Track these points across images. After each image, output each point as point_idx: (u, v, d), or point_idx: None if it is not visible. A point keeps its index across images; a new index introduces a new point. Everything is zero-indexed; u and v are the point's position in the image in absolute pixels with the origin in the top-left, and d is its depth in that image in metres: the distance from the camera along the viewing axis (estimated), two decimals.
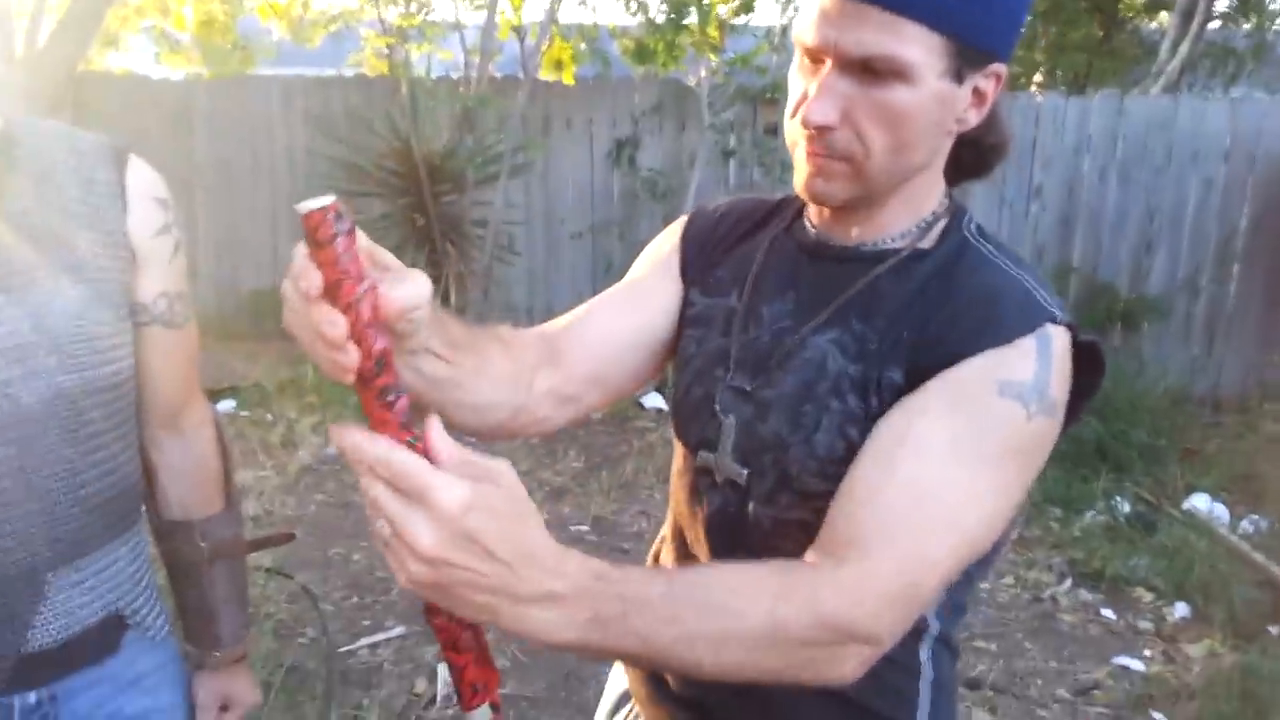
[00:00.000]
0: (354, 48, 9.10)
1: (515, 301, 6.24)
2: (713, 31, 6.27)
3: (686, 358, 1.12)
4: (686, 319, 1.13)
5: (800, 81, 0.96)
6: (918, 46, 0.88)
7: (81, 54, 5.36)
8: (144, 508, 1.32)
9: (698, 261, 1.15)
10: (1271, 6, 8.66)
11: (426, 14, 7.19)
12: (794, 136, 0.97)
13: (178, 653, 1.35)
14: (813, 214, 1.07)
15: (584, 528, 4.18)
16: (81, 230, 1.16)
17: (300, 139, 6.35)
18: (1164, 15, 9.04)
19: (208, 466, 1.36)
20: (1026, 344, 0.89)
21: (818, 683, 0.83)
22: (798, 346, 1.01)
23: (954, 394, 0.89)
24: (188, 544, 1.33)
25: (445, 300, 5.55)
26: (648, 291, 1.15)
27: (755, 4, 6.63)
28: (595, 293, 1.18)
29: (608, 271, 6.13)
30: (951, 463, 0.87)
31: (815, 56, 0.93)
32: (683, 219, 1.20)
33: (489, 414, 1.00)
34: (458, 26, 6.78)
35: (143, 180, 1.22)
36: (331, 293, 0.67)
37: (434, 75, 6.58)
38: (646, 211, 6.15)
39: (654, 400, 5.63)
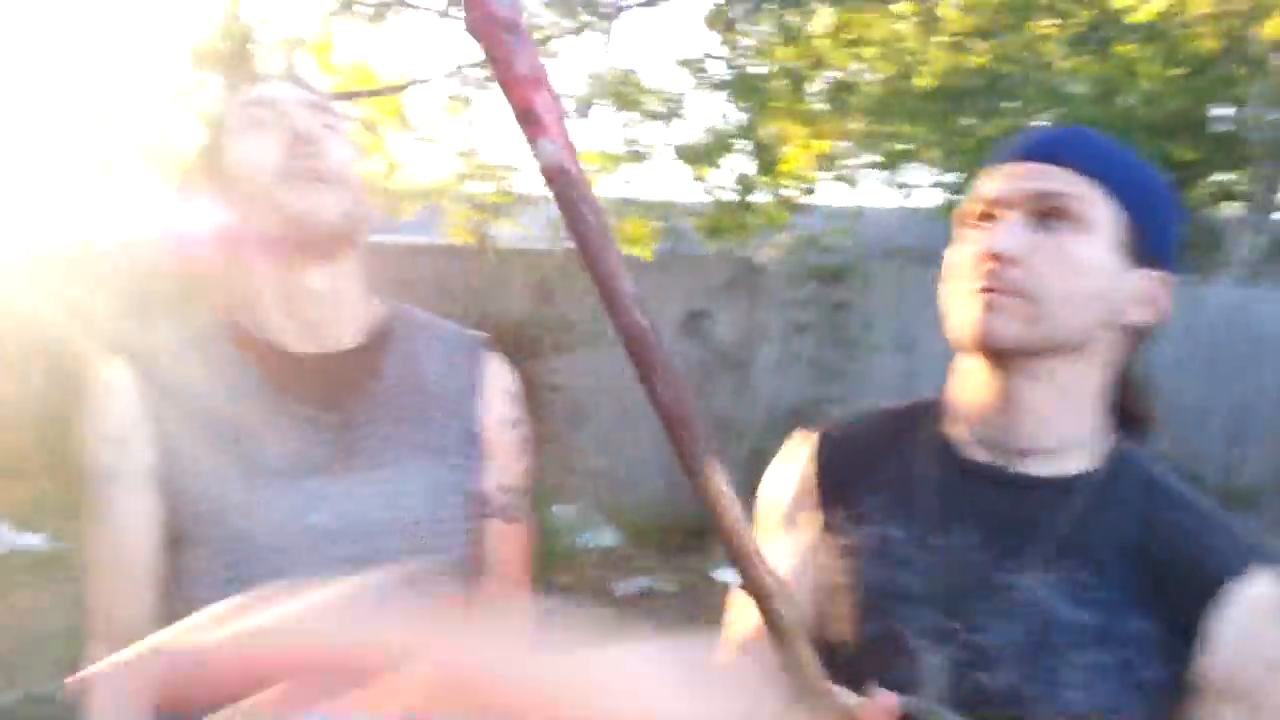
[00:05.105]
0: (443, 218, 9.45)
1: (587, 466, 6.25)
2: (779, 212, 6.46)
3: (845, 590, 1.03)
4: (837, 550, 1.05)
5: (963, 246, 1.00)
6: (1097, 206, 0.94)
7: None
8: None
9: (839, 489, 1.08)
10: None
11: (514, 191, 7.50)
12: (961, 274, 0.98)
13: None
14: (961, 429, 1.03)
15: None
16: (438, 414, 1.17)
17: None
18: (1234, 204, 9.00)
19: None
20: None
21: None
22: (1004, 588, 0.95)
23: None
24: None
25: None
26: (795, 549, 1.08)
27: (816, 187, 6.84)
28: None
29: None
30: None
31: (993, 210, 0.97)
32: (807, 450, 1.12)
33: None
34: (542, 202, 7.05)
35: (498, 372, 1.25)
36: None
37: (515, 247, 6.80)
38: (718, 381, 6.20)
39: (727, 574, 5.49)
